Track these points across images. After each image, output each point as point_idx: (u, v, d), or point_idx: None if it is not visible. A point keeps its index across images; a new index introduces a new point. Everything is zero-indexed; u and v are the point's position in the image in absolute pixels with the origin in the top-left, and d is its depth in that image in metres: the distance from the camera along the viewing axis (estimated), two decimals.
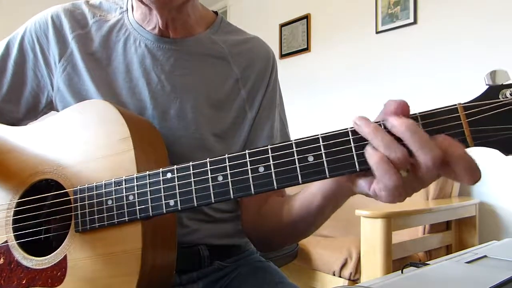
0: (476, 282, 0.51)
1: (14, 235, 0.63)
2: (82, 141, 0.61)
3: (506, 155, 0.41)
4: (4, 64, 0.74)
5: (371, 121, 0.43)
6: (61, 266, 0.58)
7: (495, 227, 2.16)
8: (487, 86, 0.42)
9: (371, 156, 0.41)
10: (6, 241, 0.64)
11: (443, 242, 2.04)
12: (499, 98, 0.40)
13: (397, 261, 1.65)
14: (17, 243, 0.63)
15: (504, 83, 0.41)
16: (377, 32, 2.70)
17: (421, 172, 0.41)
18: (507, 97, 0.40)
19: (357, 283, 1.75)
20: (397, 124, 0.40)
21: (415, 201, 2.11)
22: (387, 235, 1.59)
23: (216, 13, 0.82)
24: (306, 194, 0.60)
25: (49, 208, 0.63)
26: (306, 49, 3.20)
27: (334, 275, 1.85)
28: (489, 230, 2.16)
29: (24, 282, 0.60)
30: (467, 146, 0.41)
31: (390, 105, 0.42)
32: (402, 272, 0.58)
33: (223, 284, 0.74)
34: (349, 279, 1.78)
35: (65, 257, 0.58)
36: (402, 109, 0.41)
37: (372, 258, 1.61)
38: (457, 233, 2.12)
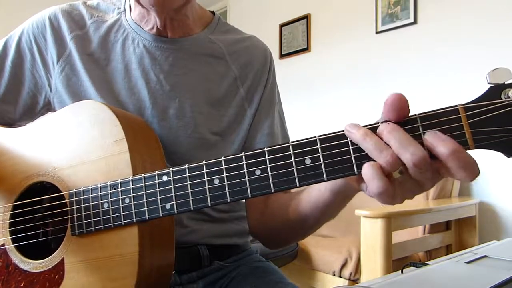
0: (476, 282, 0.51)
1: (11, 238, 0.63)
2: (76, 143, 0.60)
3: (508, 157, 0.40)
4: (0, 65, 0.74)
5: (361, 127, 0.43)
6: (59, 269, 0.58)
7: (495, 227, 2.16)
8: (489, 86, 0.40)
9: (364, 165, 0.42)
10: (3, 244, 0.63)
11: (443, 242, 2.04)
12: (501, 99, 0.39)
13: (397, 261, 1.65)
14: (14, 246, 0.63)
15: (506, 82, 0.40)
16: (377, 32, 2.70)
17: (410, 172, 0.40)
18: (510, 98, 0.39)
19: (357, 283, 1.74)
20: (381, 128, 0.41)
21: (415, 201, 2.10)
22: (387, 235, 1.59)
23: (213, 12, 0.82)
24: (313, 190, 0.60)
25: (46, 210, 0.63)
26: (306, 49, 3.20)
27: (334, 275, 1.85)
28: (489, 230, 2.16)
29: (22, 285, 0.60)
30: (468, 149, 0.40)
31: (387, 103, 0.42)
32: (402, 272, 0.58)
33: (223, 284, 0.74)
34: (349, 279, 1.78)
35: (62, 260, 0.58)
36: (399, 105, 0.41)
37: (372, 258, 1.61)
38: (457, 233, 2.12)
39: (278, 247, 0.78)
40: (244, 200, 0.78)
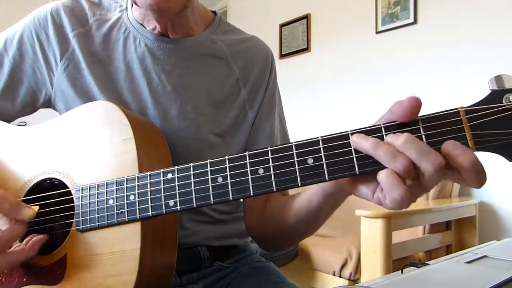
0: (476, 282, 0.52)
1: None
2: (86, 141, 0.61)
3: (510, 161, 0.40)
4: (0, 61, 0.72)
5: (368, 137, 0.43)
6: (61, 264, 0.58)
7: (495, 227, 2.16)
8: (490, 91, 0.41)
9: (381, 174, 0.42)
10: None
11: (443, 242, 2.05)
12: (503, 103, 0.40)
13: (397, 261, 1.65)
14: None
15: (507, 87, 0.40)
16: (377, 32, 2.70)
17: (425, 179, 0.40)
18: (511, 102, 0.39)
19: (357, 283, 1.75)
20: (391, 139, 0.41)
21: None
22: (387, 235, 1.59)
23: (215, 12, 0.82)
24: (306, 193, 0.61)
25: (53, 206, 0.63)
26: (306, 49, 3.20)
27: (334, 275, 1.85)
28: (489, 230, 2.16)
29: (24, 279, 0.60)
30: None
31: (396, 109, 0.42)
32: (402, 272, 0.58)
33: (223, 285, 0.74)
34: (349, 279, 1.78)
35: (65, 256, 0.58)
36: (411, 111, 0.42)
37: (372, 258, 1.61)
38: (457, 233, 2.12)
39: (274, 250, 0.78)
40: (242, 201, 0.79)
